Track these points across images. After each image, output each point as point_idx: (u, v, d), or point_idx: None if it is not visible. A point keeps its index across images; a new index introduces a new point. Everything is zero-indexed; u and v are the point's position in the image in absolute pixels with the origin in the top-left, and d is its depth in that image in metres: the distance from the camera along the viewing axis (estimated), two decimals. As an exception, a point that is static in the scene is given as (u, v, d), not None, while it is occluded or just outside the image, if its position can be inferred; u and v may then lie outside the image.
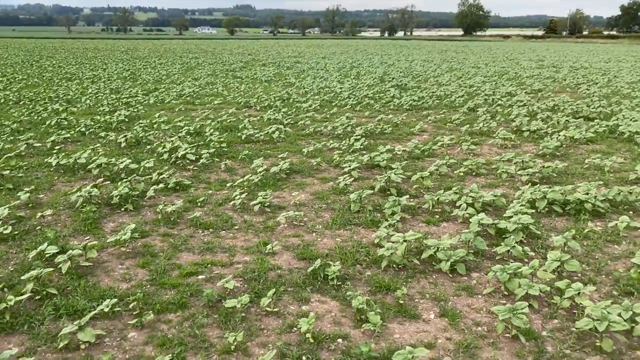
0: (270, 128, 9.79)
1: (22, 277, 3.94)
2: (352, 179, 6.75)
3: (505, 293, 3.96)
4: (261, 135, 9.45)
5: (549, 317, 3.66)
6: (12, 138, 9.31)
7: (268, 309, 3.71)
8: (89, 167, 7.13)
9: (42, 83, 18.86)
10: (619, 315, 3.38)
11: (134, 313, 3.64)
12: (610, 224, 5.20)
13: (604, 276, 4.29)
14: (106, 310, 3.56)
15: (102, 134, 9.64)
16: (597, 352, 3.27)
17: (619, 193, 5.91)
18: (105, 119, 10.94)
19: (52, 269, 4.03)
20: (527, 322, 3.39)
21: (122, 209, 5.77)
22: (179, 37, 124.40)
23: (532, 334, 3.44)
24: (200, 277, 4.24)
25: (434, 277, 4.26)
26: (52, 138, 8.98)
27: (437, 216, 5.60)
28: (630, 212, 5.69)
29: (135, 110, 12.38)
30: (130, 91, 16.15)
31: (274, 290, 3.84)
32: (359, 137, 9.22)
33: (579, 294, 3.69)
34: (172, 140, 8.60)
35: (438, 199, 5.77)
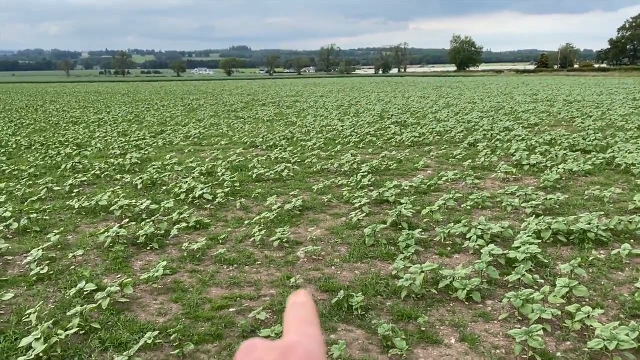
0: (279, 167, 10.15)
1: (68, 313, 4.20)
2: (364, 214, 7.06)
3: (520, 318, 4.24)
4: (271, 174, 9.80)
5: (562, 339, 3.92)
6: (30, 182, 9.63)
7: (299, 338, 3.96)
8: (111, 208, 7.43)
9: (50, 127, 19.31)
10: (627, 335, 3.65)
11: (174, 344, 3.89)
12: (613, 252, 5.50)
13: (610, 301, 4.57)
14: (149, 342, 3.81)
15: (117, 176, 9.98)
16: (609, 370, 3.53)
17: (620, 223, 6.23)
18: (118, 162, 11.30)
19: (94, 306, 4.30)
20: (543, 344, 3.65)
21: (148, 248, 6.05)
22: (177, 79, 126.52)
23: (547, 355, 3.70)
24: (231, 309, 4.50)
25: (452, 305, 4.53)
26: (69, 182, 9.31)
27: (449, 248, 5.90)
28: (632, 241, 5.99)
29: (146, 152, 12.76)
30: (138, 134, 16.60)
31: (304, 320, 4.10)
32: (365, 173, 9.57)
33: (588, 317, 3.96)
34: (187, 181, 8.94)
35: (449, 232, 6.08)
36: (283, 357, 0.38)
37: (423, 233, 6.23)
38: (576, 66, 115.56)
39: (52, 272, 5.32)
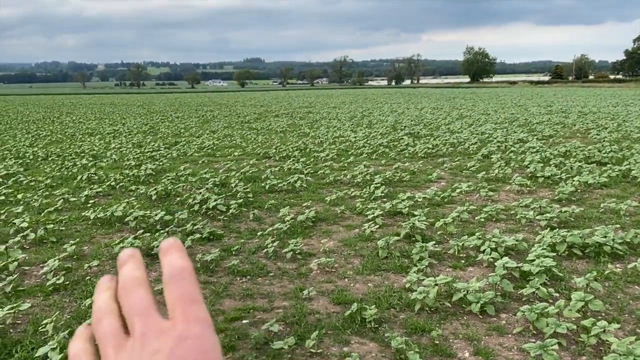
0: (292, 177, 10.19)
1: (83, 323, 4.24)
2: (377, 226, 7.05)
3: (534, 332, 4.20)
4: (284, 185, 9.83)
5: (577, 354, 3.88)
6: (47, 193, 9.76)
7: (312, 350, 3.97)
8: (126, 219, 7.51)
9: (66, 139, 19.58)
10: (645, 350, 3.60)
11: (188, 355, 3.91)
12: (630, 266, 5.44)
13: (626, 315, 4.51)
14: (163, 353, 3.83)
15: (132, 187, 10.09)
16: (626, 386, 3.48)
17: (636, 236, 6.16)
18: (133, 173, 11.42)
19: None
20: (558, 358, 3.62)
21: (162, 259, 6.09)
22: (191, 90, 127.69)
23: (563, 370, 3.66)
24: (244, 321, 4.52)
25: (465, 318, 4.51)
26: (85, 192, 9.42)
27: (463, 261, 5.87)
28: (648, 254, 5.91)
29: (161, 163, 12.89)
30: (153, 145, 16.76)
31: (317, 332, 4.11)
32: (378, 185, 9.57)
33: (604, 331, 3.92)
34: (200, 192, 9.00)
35: (463, 244, 6.05)
36: (176, 346, 0.35)
37: (437, 245, 6.21)
38: (591, 77, 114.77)
39: (67, 282, 5.38)
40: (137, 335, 0.37)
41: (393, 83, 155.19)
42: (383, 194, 8.93)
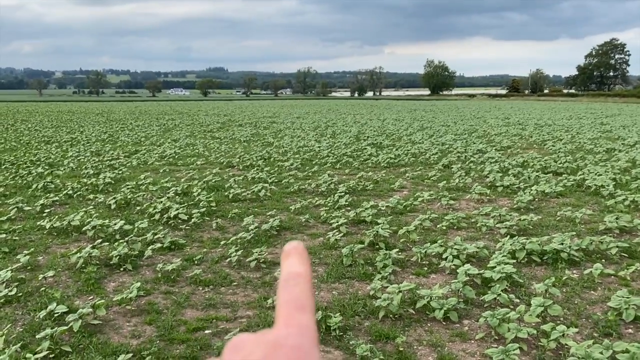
0: (256, 187, 10.12)
1: (37, 336, 4.07)
2: (341, 234, 7.06)
3: (496, 337, 4.26)
4: (248, 194, 9.75)
5: (538, 358, 3.96)
6: (0, 202, 9.39)
7: (277, 359, 3.91)
8: (83, 229, 7.28)
9: (21, 147, 18.92)
10: (601, 353, 3.70)
11: (148, 367, 3.80)
12: (586, 272, 5.60)
13: (584, 319, 4.64)
14: (122, 365, 3.71)
15: (90, 196, 9.81)
16: (584, 389, 3.56)
17: (591, 243, 6.36)
18: (91, 182, 11.11)
19: (65, 328, 4.17)
20: (519, 363, 3.68)
21: (122, 269, 5.93)
22: (152, 99, 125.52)
23: (524, 374, 3.72)
24: (207, 331, 4.43)
25: (429, 325, 4.54)
26: (41, 201, 9.10)
27: (426, 268, 5.93)
28: (603, 260, 6.10)
29: (120, 172, 12.59)
30: (112, 153, 16.38)
31: (281, 341, 4.05)
32: (342, 194, 9.60)
33: (563, 335, 4.01)
34: (161, 201, 8.82)
35: (425, 251, 6.12)
36: (269, 354, 0.35)
37: (400, 253, 6.25)
38: (546, 91, 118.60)
39: (20, 294, 5.17)
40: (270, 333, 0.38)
41: (356, 94, 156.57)
42: (347, 203, 8.96)
